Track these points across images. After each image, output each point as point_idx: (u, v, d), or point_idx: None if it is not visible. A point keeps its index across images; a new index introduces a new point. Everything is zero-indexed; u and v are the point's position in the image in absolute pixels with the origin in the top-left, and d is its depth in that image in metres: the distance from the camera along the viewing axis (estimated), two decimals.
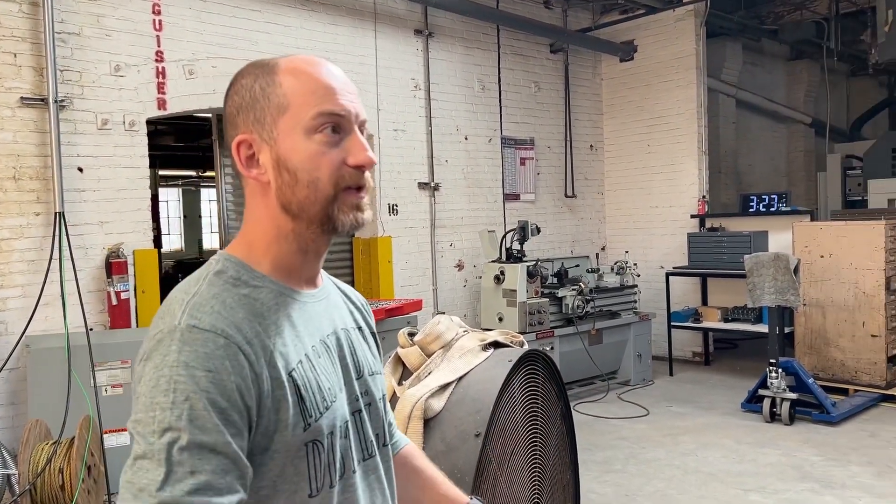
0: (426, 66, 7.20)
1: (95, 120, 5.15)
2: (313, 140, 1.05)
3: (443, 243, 7.38)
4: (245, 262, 1.07)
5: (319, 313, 1.13)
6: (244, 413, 0.94)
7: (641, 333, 7.35)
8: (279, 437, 0.98)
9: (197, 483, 0.88)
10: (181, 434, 0.89)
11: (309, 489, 1.02)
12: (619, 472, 4.91)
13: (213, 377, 0.93)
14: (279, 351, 1.01)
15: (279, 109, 1.06)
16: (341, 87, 1.09)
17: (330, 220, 1.07)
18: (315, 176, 1.05)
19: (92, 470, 4.32)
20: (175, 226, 21.22)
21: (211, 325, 0.96)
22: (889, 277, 6.29)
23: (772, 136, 11.54)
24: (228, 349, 0.95)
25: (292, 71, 1.08)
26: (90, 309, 5.03)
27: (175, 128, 11.64)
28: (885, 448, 5.18)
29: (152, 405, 0.92)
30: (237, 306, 1.01)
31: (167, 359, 0.93)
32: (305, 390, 1.02)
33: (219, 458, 0.91)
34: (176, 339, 0.95)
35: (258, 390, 0.96)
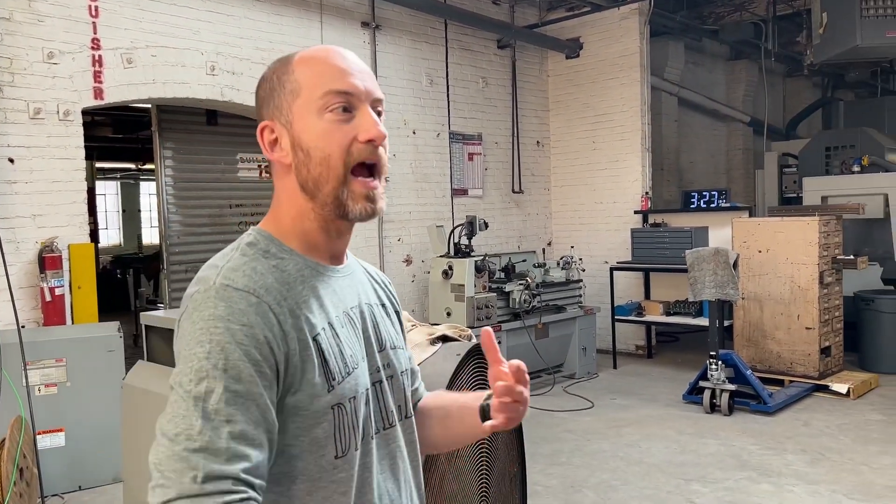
0: (373, 59, 7.14)
1: (27, 109, 4.95)
2: (324, 119, 1.10)
3: (391, 238, 7.34)
4: (274, 237, 1.15)
5: (344, 287, 1.18)
6: (275, 367, 1.00)
7: (586, 327, 7.46)
8: (306, 398, 1.04)
9: (232, 431, 0.94)
10: (218, 383, 0.95)
11: (335, 450, 1.07)
12: (565, 464, 4.97)
13: (248, 331, 0.99)
14: (305, 316, 1.07)
15: (293, 95, 1.12)
16: (351, 68, 1.14)
17: (340, 204, 1.11)
18: (327, 152, 1.10)
19: (24, 472, 4.15)
20: (113, 220, 20.60)
21: (244, 286, 1.03)
22: (822, 272, 6.51)
23: (712, 134, 11.84)
24: (260, 307, 1.01)
25: (304, 59, 1.14)
26: (22, 305, 4.84)
27: (113, 118, 11.29)
28: (818, 436, 5.37)
29: (189, 356, 0.98)
30: (267, 273, 1.07)
31: (203, 313, 1.00)
32: (329, 354, 1.07)
33: (252, 408, 0.96)
34: (211, 296, 1.01)
35: (286, 347, 1.02)
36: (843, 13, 6.54)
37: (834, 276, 6.71)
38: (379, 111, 1.16)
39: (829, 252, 6.62)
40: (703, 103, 11.04)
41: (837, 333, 6.85)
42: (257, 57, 6.20)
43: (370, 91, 1.14)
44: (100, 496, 4.61)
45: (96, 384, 4.73)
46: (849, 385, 6.37)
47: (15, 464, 4.00)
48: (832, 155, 8.86)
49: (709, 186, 11.00)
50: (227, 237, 6.62)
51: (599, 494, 4.41)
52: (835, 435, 5.39)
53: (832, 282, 6.68)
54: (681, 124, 10.75)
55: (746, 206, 8.07)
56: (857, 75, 12.18)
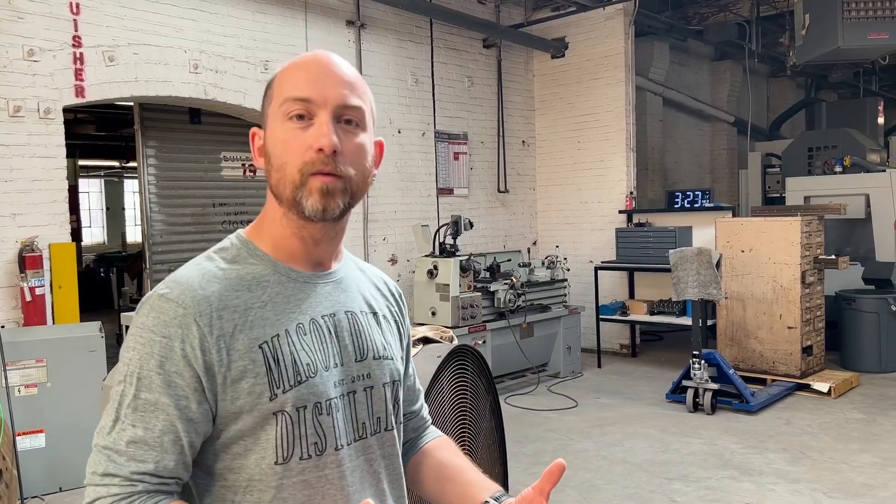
0: (358, 57, 7.12)
1: (7, 107, 4.89)
2: (285, 127, 1.10)
3: (376, 237, 7.33)
4: (251, 241, 1.17)
5: (319, 294, 1.17)
6: (194, 377, 1.04)
7: (571, 326, 7.48)
8: (244, 403, 1.06)
9: (133, 436, 1.02)
10: (131, 389, 1.04)
11: (275, 457, 1.08)
12: (548, 463, 4.92)
13: (166, 343, 1.03)
14: (252, 324, 1.08)
15: (268, 101, 1.14)
16: (314, 74, 1.11)
17: (297, 204, 1.09)
18: (283, 160, 1.09)
19: (3, 475, 4.11)
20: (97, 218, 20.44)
21: (177, 297, 1.06)
22: (804, 271, 6.57)
23: (697, 134, 11.91)
24: (184, 319, 1.04)
25: (287, 65, 1.15)
26: (2, 305, 4.81)
27: (96, 116, 11.20)
28: (799, 435, 5.41)
29: (121, 359, 1.07)
30: (215, 280, 1.09)
31: (137, 320, 1.08)
32: (275, 362, 1.07)
33: (159, 415, 1.02)
34: (148, 305, 1.08)
35: (208, 360, 1.04)
36: (825, 15, 6.59)
37: (816, 275, 6.76)
38: (350, 119, 1.12)
39: (811, 252, 6.68)
40: (687, 103, 11.10)
41: (819, 333, 6.91)
42: (241, 55, 6.17)
43: (331, 98, 1.09)
44: (80, 497, 4.53)
45: (77, 384, 4.69)
46: (830, 384, 6.42)
47: None
48: (815, 155, 8.94)
49: (693, 186, 11.07)
50: (211, 236, 6.59)
51: (582, 494, 4.43)
52: (816, 434, 5.44)
53: (814, 281, 6.74)
54: (665, 124, 10.81)
55: (730, 206, 8.12)
56: (839, 76, 12.28)
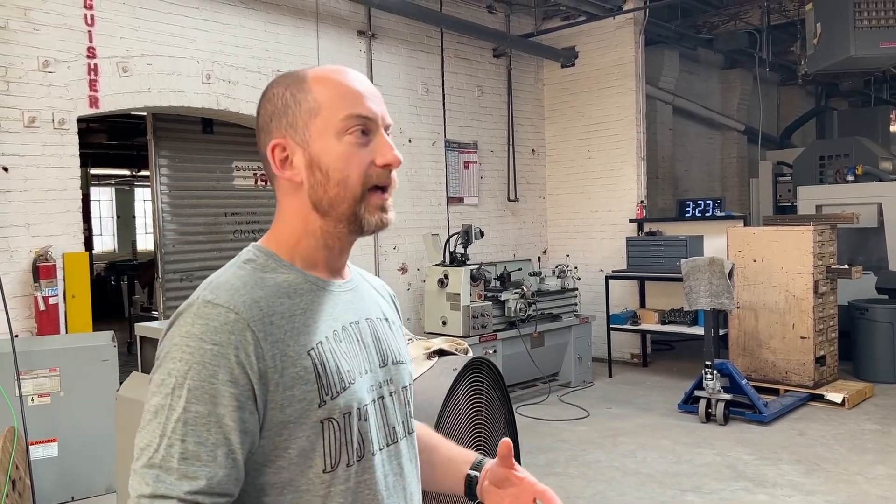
0: (369, 67, 7.15)
1: (22, 117, 4.93)
2: (343, 141, 1.11)
3: (386, 246, 7.34)
4: (274, 253, 1.15)
5: (345, 301, 1.18)
6: (248, 386, 1.00)
7: (581, 336, 7.45)
8: (293, 412, 1.04)
9: (184, 451, 0.96)
10: (180, 401, 0.98)
11: (324, 465, 1.07)
12: (561, 474, 4.96)
13: (218, 350, 0.99)
14: (298, 330, 1.07)
15: (310, 114, 1.12)
16: (367, 92, 1.15)
17: (357, 218, 1.13)
18: (345, 174, 1.11)
19: (17, 484, 4.13)
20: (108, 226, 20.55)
21: (225, 301, 1.03)
22: (817, 281, 6.53)
23: (707, 142, 11.89)
24: (237, 325, 1.01)
25: (321, 79, 1.14)
26: (16, 315, 4.82)
27: (108, 125, 11.27)
28: (813, 446, 5.37)
29: (161, 372, 1.01)
30: (258, 287, 1.07)
31: (181, 329, 1.02)
32: (322, 369, 1.07)
33: (212, 429, 0.98)
34: (191, 312, 1.03)
35: (263, 367, 1.02)
36: (837, 24, 6.58)
37: (828, 285, 6.72)
38: (389, 134, 1.18)
39: (823, 261, 6.64)
40: (697, 112, 11.09)
41: (832, 343, 6.86)
42: (253, 66, 6.20)
43: (384, 116, 1.17)
44: None
45: (90, 394, 4.70)
46: (844, 394, 6.37)
47: (7, 475, 3.97)
48: (826, 164, 8.90)
49: (703, 195, 11.04)
50: (222, 245, 6.61)
51: None
52: (830, 445, 5.39)
53: (827, 291, 6.70)
54: (675, 133, 10.79)
55: (741, 215, 8.10)
56: (850, 84, 12.25)
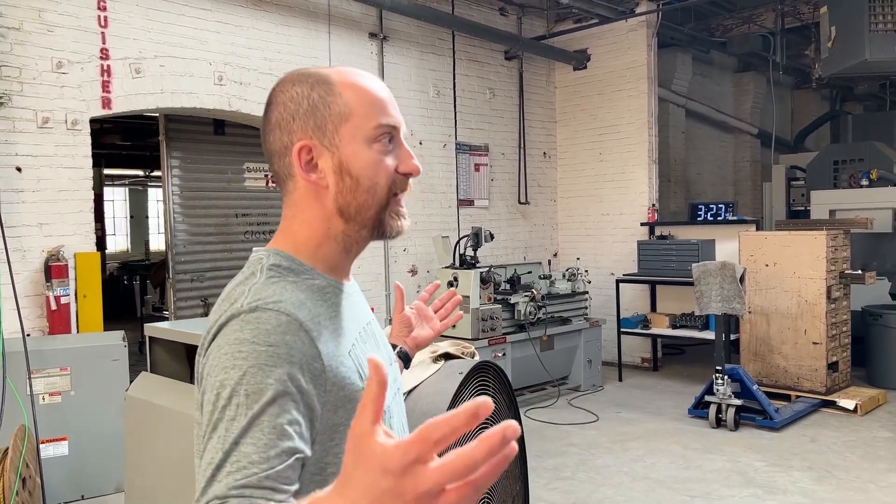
0: (381, 70, 7.15)
1: (35, 118, 4.97)
2: (373, 149, 1.12)
3: (396, 248, 7.34)
4: (293, 256, 1.13)
5: (355, 304, 1.19)
6: (304, 387, 0.97)
7: (592, 339, 7.42)
8: (344, 414, 1.02)
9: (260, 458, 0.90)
10: (243, 409, 0.92)
11: None
12: (569, 479, 4.93)
13: (273, 351, 0.96)
14: (337, 333, 1.08)
15: (341, 118, 1.11)
16: (390, 99, 1.17)
17: (381, 224, 1.14)
18: (375, 181, 1.12)
19: (27, 482, 4.15)
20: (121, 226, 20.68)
21: (273, 304, 1.01)
22: (830, 286, 6.47)
23: (720, 145, 11.82)
24: (290, 325, 0.99)
25: (350, 84, 1.14)
26: (28, 314, 4.86)
27: (121, 126, 11.34)
28: (825, 453, 5.32)
29: (211, 388, 0.96)
30: (298, 290, 1.06)
31: (228, 338, 0.98)
32: (362, 369, 1.08)
33: (272, 431, 0.92)
34: (238, 319, 0.99)
35: (320, 366, 1.00)
36: (851, 27, 6.52)
37: (841, 290, 6.66)
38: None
39: (836, 266, 6.58)
40: (710, 115, 11.03)
41: (845, 349, 6.80)
42: (265, 67, 6.22)
43: (402, 123, 1.18)
44: None
45: (101, 393, 4.73)
46: (856, 401, 6.31)
47: (18, 473, 3.99)
48: (840, 168, 8.83)
49: (716, 198, 10.98)
50: (233, 246, 6.64)
51: None
52: (842, 452, 5.34)
53: (840, 296, 6.64)
54: (688, 136, 10.74)
55: (753, 219, 8.04)
56: (865, 88, 12.16)
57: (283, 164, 1.14)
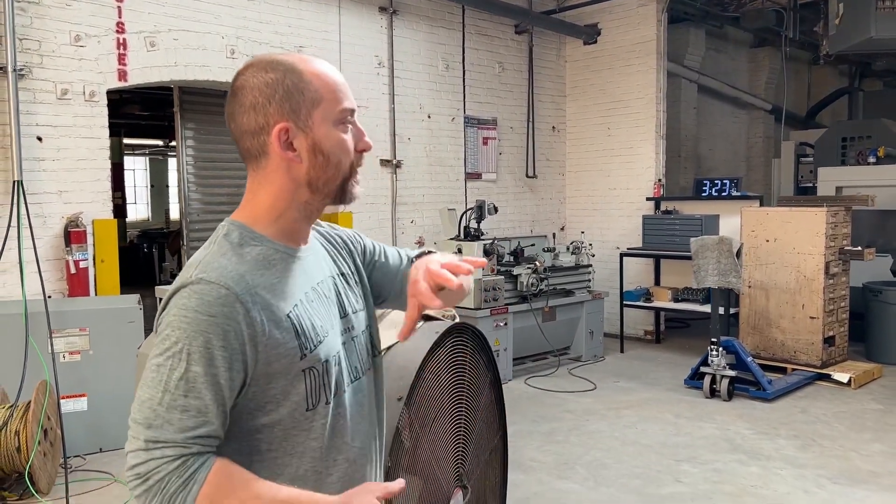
0: (390, 43, 7.28)
1: (55, 89, 5.18)
2: (339, 130, 1.30)
3: (404, 220, 7.52)
4: (249, 226, 1.29)
5: (311, 265, 1.36)
6: (238, 351, 1.18)
7: (594, 311, 7.59)
8: (279, 366, 1.22)
9: (186, 405, 1.14)
10: (181, 363, 1.14)
11: (306, 404, 1.27)
12: (562, 442, 5.14)
13: (212, 322, 1.16)
14: (278, 296, 1.24)
15: (313, 103, 1.28)
16: (347, 86, 1.35)
17: (344, 192, 1.33)
18: (340, 158, 1.31)
19: (48, 433, 4.43)
20: (142, 195, 21.04)
21: (216, 278, 1.19)
22: (828, 262, 6.57)
23: (732, 121, 11.81)
24: (227, 298, 1.17)
25: (315, 73, 1.30)
26: (49, 277, 5.11)
27: (140, 97, 11.56)
28: (813, 423, 5.48)
29: (163, 339, 1.17)
30: (241, 262, 1.23)
31: (178, 302, 1.18)
32: (300, 328, 1.25)
33: (209, 387, 1.15)
34: (187, 289, 1.19)
35: (252, 332, 1.19)
36: (858, 5, 6.54)
37: (840, 266, 6.76)
38: None
39: (836, 243, 6.68)
40: (723, 90, 11.02)
41: (843, 324, 6.91)
42: (276, 41, 6.38)
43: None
44: (119, 458, 4.88)
45: (117, 353, 4.99)
46: (850, 375, 6.44)
47: (40, 425, 4.27)
48: (848, 145, 8.85)
49: (728, 174, 11.01)
50: None
51: (590, 471, 4.59)
52: (830, 422, 5.50)
53: (838, 272, 6.74)
54: (700, 111, 10.75)
55: (757, 195, 8.11)
56: (883, 64, 12.03)
57: (257, 142, 1.28)
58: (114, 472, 4.60)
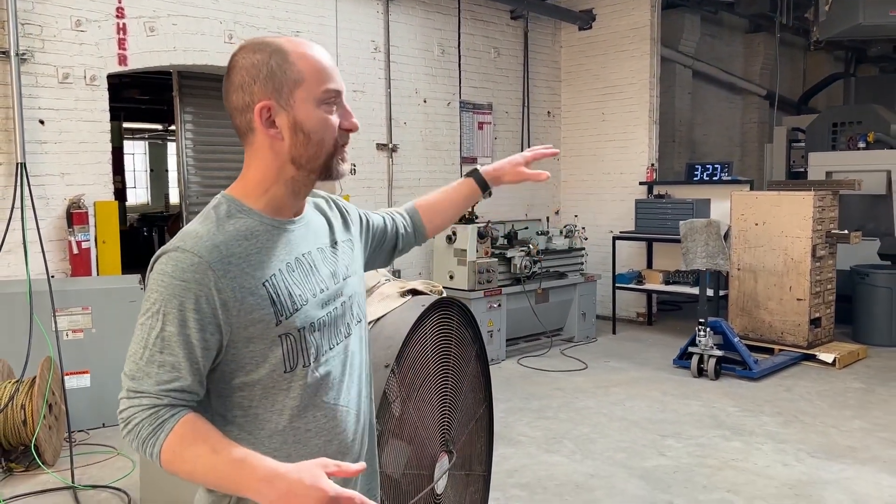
0: (386, 28, 7.37)
1: (56, 73, 5.29)
2: (321, 109, 1.37)
3: (400, 203, 7.62)
4: (239, 200, 1.40)
5: (298, 237, 1.44)
6: (210, 315, 1.29)
7: (586, 294, 7.73)
8: (255, 330, 1.32)
9: (161, 361, 1.27)
10: (158, 323, 1.27)
11: (284, 367, 1.37)
12: (551, 418, 5.30)
13: (184, 287, 1.26)
14: (254, 265, 1.34)
15: (295, 83, 1.35)
16: (334, 68, 1.43)
17: (329, 169, 1.41)
18: (322, 137, 1.38)
19: (53, 408, 4.58)
20: (141, 179, 21.13)
21: (191, 247, 1.29)
22: (815, 245, 6.71)
23: (727, 106, 11.91)
24: (200, 266, 1.27)
25: (301, 54, 1.38)
26: (52, 257, 5.24)
27: (140, 81, 11.62)
28: (797, 401, 5.63)
29: (145, 300, 1.30)
30: (219, 233, 1.32)
31: (158, 268, 1.30)
32: (276, 297, 1.34)
33: (181, 345, 1.27)
34: (166, 256, 1.30)
35: (223, 298, 1.29)
36: None
37: (827, 249, 6.89)
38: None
39: (823, 226, 6.80)
40: (718, 76, 11.11)
41: (829, 305, 7.05)
42: (273, 26, 6.48)
43: (344, 87, 1.45)
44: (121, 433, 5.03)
45: (119, 331, 5.13)
46: (835, 355, 6.60)
47: (45, 399, 4.42)
48: (839, 131, 8.95)
49: (722, 159, 11.12)
50: None
51: (578, 445, 4.74)
52: (812, 400, 5.66)
53: (825, 255, 6.87)
54: (695, 96, 10.85)
55: (748, 179, 8.24)
56: (878, 50, 12.11)
57: (245, 119, 1.38)
58: (116, 446, 4.76)
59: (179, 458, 1.25)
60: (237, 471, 1.23)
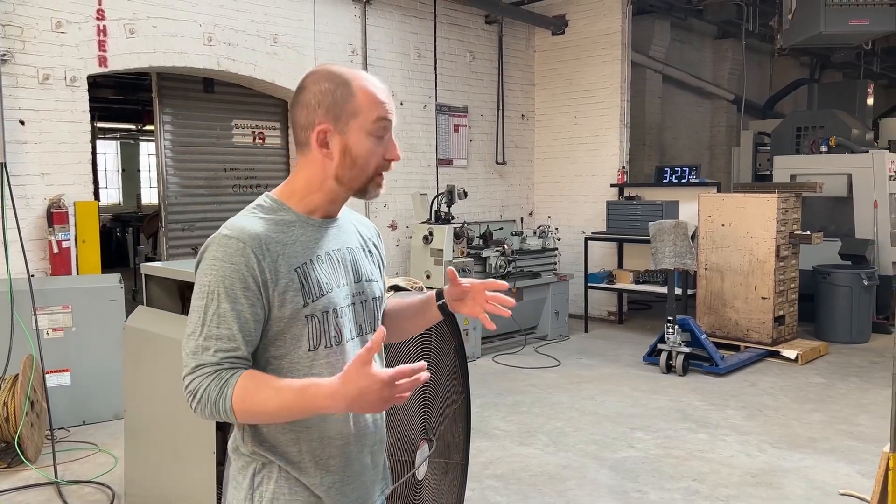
0: (363, 32, 7.49)
1: (37, 75, 5.33)
2: (370, 139, 1.55)
3: (377, 204, 7.76)
4: (281, 200, 1.59)
5: (330, 235, 1.63)
6: (256, 291, 1.47)
7: (559, 293, 7.91)
8: (286, 309, 1.51)
9: (218, 334, 1.45)
10: (214, 302, 1.45)
11: (308, 346, 1.55)
12: (525, 413, 5.46)
13: (234, 268, 1.45)
14: (289, 254, 1.53)
15: (352, 114, 1.54)
16: (388, 99, 1.59)
17: (365, 190, 1.59)
18: (366, 163, 1.56)
19: (35, 405, 4.63)
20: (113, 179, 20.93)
21: (236, 234, 1.49)
22: (779, 246, 6.96)
23: (697, 111, 12.19)
24: (245, 250, 1.47)
25: (362, 88, 1.56)
26: (32, 256, 5.28)
27: (113, 81, 11.59)
28: (760, 396, 5.86)
29: (199, 283, 1.48)
30: (260, 223, 1.52)
31: (210, 255, 1.49)
32: (306, 281, 1.53)
33: (236, 318, 1.45)
34: (214, 243, 1.49)
35: (264, 278, 1.48)
36: (809, 1, 6.89)
37: (790, 249, 7.15)
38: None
39: (786, 227, 7.06)
40: (687, 80, 11.37)
41: (792, 304, 7.31)
42: (252, 29, 6.56)
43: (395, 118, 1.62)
44: (101, 430, 5.10)
45: (99, 330, 5.20)
46: (798, 351, 6.85)
47: (27, 396, 4.47)
48: (802, 135, 9.25)
49: (691, 162, 11.39)
50: (222, 199, 7.05)
51: (551, 438, 4.91)
52: (776, 394, 5.88)
53: (788, 255, 7.13)
54: (665, 101, 11.10)
55: (715, 182, 8.48)
56: (841, 56, 12.50)
57: (304, 134, 1.57)
58: (98, 443, 4.82)
59: (251, 405, 1.43)
60: (304, 398, 1.41)
